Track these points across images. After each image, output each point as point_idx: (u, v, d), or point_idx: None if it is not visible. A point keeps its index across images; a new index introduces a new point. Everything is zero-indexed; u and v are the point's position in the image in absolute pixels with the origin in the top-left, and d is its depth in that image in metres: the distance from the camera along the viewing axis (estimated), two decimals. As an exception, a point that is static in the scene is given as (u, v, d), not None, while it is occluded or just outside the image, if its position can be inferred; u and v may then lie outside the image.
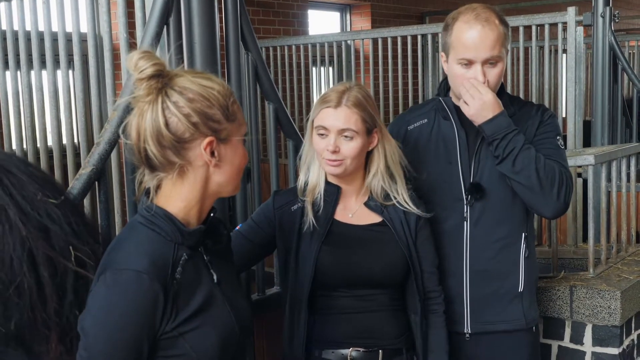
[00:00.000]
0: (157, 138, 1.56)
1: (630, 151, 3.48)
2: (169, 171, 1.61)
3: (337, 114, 2.14)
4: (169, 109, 1.55)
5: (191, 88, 1.57)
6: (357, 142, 2.15)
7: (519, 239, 2.47)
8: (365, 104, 2.17)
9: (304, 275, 2.17)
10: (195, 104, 1.56)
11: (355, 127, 2.14)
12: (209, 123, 1.58)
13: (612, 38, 4.70)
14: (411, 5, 9.38)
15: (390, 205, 2.24)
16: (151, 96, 1.55)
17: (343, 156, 2.14)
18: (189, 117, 1.56)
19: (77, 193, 2.13)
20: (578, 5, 4.80)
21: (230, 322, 1.67)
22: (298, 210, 2.22)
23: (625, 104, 5.16)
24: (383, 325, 2.21)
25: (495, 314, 2.48)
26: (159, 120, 1.55)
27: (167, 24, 2.28)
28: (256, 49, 2.60)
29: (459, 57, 2.32)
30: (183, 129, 1.56)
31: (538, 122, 2.43)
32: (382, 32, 5.79)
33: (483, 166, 2.41)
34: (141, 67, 1.54)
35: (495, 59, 2.31)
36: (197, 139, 1.58)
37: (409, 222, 2.24)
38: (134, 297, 1.50)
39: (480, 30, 2.28)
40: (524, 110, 2.46)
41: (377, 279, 2.20)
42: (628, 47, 8.58)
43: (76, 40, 2.84)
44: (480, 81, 2.29)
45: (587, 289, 3.01)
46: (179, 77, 1.59)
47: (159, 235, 1.58)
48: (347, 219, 2.24)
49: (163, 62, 1.57)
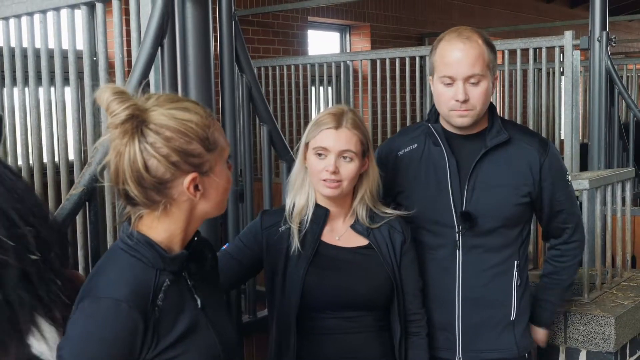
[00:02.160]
0: (137, 180, 1.53)
1: (625, 176, 3.48)
2: (152, 208, 1.58)
3: (339, 135, 2.16)
4: (147, 151, 1.51)
5: (168, 125, 1.52)
6: (355, 164, 2.17)
7: (512, 267, 2.45)
8: (362, 127, 2.22)
9: (291, 296, 2.17)
10: (174, 142, 1.52)
11: (354, 149, 2.17)
12: (190, 159, 1.55)
13: (608, 62, 4.72)
14: (411, 27, 9.45)
15: (376, 228, 2.25)
16: (127, 138, 1.51)
17: (341, 177, 2.16)
18: (169, 157, 1.52)
19: (68, 213, 2.13)
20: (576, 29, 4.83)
21: (215, 347, 1.65)
22: (286, 232, 2.23)
23: (622, 128, 5.17)
24: (368, 346, 2.22)
25: (487, 343, 2.45)
26: (138, 162, 1.51)
27: (161, 46, 2.29)
28: (250, 71, 2.60)
29: (440, 75, 2.33)
30: (163, 170, 1.53)
31: (544, 160, 2.40)
32: (380, 53, 5.82)
33: (478, 195, 2.38)
34: (114, 112, 1.49)
35: (478, 78, 2.30)
36: (179, 177, 1.55)
37: (395, 246, 2.26)
38: (113, 326, 1.48)
39: (461, 49, 2.29)
40: (525, 140, 2.43)
41: (363, 301, 2.21)
42: (626, 71, 8.60)
43: (72, 59, 2.85)
44: (461, 100, 2.29)
45: (582, 314, 2.99)
46: (153, 112, 1.53)
47: (140, 261, 1.56)
48: (334, 241, 2.25)
49: (136, 102, 1.52)
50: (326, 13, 8.43)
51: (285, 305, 2.18)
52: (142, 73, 2.21)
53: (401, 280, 2.26)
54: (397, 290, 2.24)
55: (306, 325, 2.19)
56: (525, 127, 2.66)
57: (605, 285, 3.35)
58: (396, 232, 2.28)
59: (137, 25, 2.49)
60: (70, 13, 2.85)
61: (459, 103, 2.30)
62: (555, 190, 2.43)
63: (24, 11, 3.00)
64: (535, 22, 11.55)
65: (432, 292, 2.43)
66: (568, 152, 4.59)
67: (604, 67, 4.76)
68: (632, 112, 5.14)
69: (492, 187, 2.39)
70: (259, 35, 7.50)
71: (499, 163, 2.40)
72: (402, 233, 2.29)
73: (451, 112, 2.34)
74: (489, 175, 2.39)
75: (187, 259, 1.64)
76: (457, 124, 2.37)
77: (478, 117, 2.35)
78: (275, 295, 2.22)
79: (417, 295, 2.33)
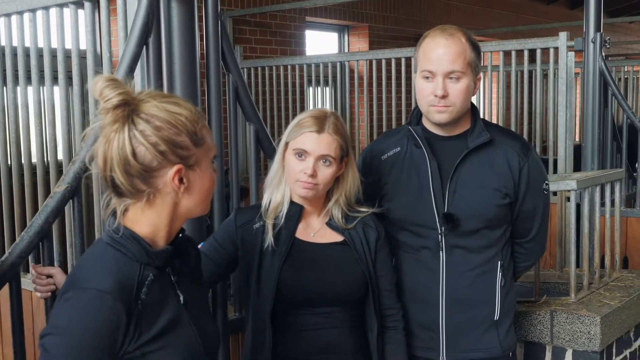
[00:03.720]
0: (124, 167, 1.55)
1: (614, 177, 3.48)
2: (137, 198, 1.60)
3: (320, 140, 2.18)
4: (136, 138, 1.54)
5: (158, 115, 1.56)
6: (332, 169, 2.20)
7: (495, 267, 2.46)
8: (343, 132, 2.25)
9: (266, 293, 2.18)
10: (163, 132, 1.55)
11: (334, 154, 2.19)
12: (177, 150, 1.57)
13: (602, 63, 4.73)
14: (409, 27, 9.46)
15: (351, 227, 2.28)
16: (117, 124, 1.54)
17: (318, 181, 2.18)
18: (157, 145, 1.55)
19: (51, 211, 2.14)
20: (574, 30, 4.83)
21: (196, 343, 1.68)
22: (260, 229, 2.24)
23: (616, 129, 5.17)
24: (342, 341, 2.24)
25: (471, 342, 2.46)
26: (126, 149, 1.54)
27: (146, 44, 2.30)
28: (237, 70, 2.62)
29: (421, 70, 2.35)
30: (151, 157, 1.55)
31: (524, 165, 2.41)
32: (376, 53, 5.83)
33: (459, 196, 2.39)
34: (107, 97, 1.53)
35: (458, 75, 2.31)
36: (165, 167, 1.57)
37: (369, 242, 2.28)
38: (96, 317, 1.50)
39: (443, 45, 2.31)
40: (506, 142, 2.43)
41: (338, 297, 2.23)
42: (624, 72, 8.60)
43: (61, 58, 2.87)
44: (439, 95, 2.30)
45: (568, 314, 3.00)
46: (146, 103, 1.57)
47: (125, 255, 1.58)
48: (309, 237, 2.27)
49: (129, 90, 1.56)
50: (324, 13, 8.44)
51: (260, 302, 2.20)
52: (126, 72, 2.22)
53: (376, 276, 2.28)
54: (372, 285, 2.26)
55: (281, 322, 2.21)
56: (508, 130, 2.66)
57: (593, 286, 3.36)
58: (370, 229, 2.31)
59: (124, 25, 2.50)
60: (60, 12, 2.87)
61: (438, 98, 2.31)
62: (526, 198, 2.44)
63: (14, 10, 3.02)
64: (535, 23, 11.55)
65: (416, 293, 2.44)
66: (562, 153, 4.61)
67: (597, 68, 4.77)
68: (626, 113, 5.14)
69: (473, 188, 2.39)
70: (256, 35, 7.51)
71: (480, 164, 2.40)
72: (376, 229, 2.32)
73: (430, 108, 2.35)
74: (471, 176, 2.40)
75: (171, 255, 1.66)
76: (435, 119, 2.38)
77: (457, 114, 2.36)
78: (250, 292, 2.24)
79: (392, 290, 2.35)
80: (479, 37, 10.42)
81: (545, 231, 2.59)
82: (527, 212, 2.47)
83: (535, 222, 2.51)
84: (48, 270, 2.08)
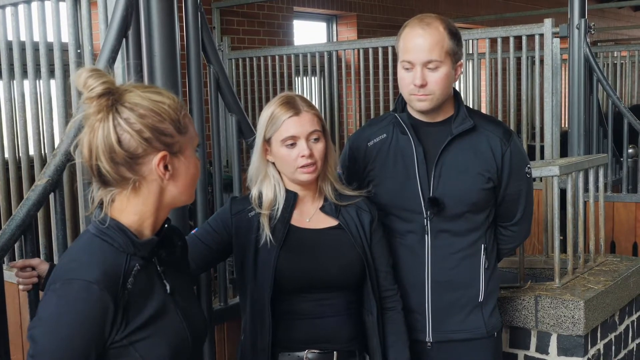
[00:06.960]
0: (109, 155, 1.57)
1: (597, 162, 3.50)
2: (122, 186, 1.62)
3: (302, 120, 2.21)
4: (121, 126, 1.57)
5: (142, 104, 1.59)
6: (322, 143, 2.25)
7: (479, 250, 2.51)
8: (313, 105, 2.30)
9: (263, 281, 2.20)
10: (147, 119, 1.58)
11: (319, 127, 2.24)
12: (161, 137, 1.60)
13: (587, 49, 4.74)
14: (398, 16, 9.43)
15: (344, 208, 2.31)
16: (102, 114, 1.56)
17: (315, 159, 2.22)
18: (141, 132, 1.58)
19: (32, 204, 2.15)
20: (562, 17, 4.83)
21: (183, 331, 1.70)
22: (255, 217, 2.26)
23: (603, 115, 5.19)
24: (339, 328, 2.26)
25: (456, 323, 2.52)
26: (111, 137, 1.56)
27: (126, 37, 2.30)
28: (217, 61, 2.62)
29: (401, 60, 2.39)
30: (135, 145, 1.58)
31: (506, 149, 2.45)
32: (364, 42, 5.82)
33: (444, 181, 2.44)
34: (90, 86, 1.55)
35: (436, 64, 2.34)
36: (150, 154, 1.60)
37: (364, 225, 2.31)
38: (84, 307, 1.52)
39: (421, 34, 2.35)
40: (489, 129, 2.48)
41: (335, 281, 2.25)
42: (612, 57, 8.62)
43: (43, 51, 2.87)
44: (418, 84, 2.33)
45: (552, 299, 3.03)
46: (129, 92, 1.60)
47: (111, 246, 1.60)
48: (304, 223, 2.29)
49: (112, 80, 1.59)
50: (312, 3, 8.42)
51: (258, 290, 2.21)
52: (106, 64, 2.22)
53: (373, 259, 2.31)
54: (369, 268, 2.28)
55: (279, 309, 2.23)
56: (491, 116, 2.70)
57: (577, 270, 3.39)
58: (364, 212, 2.34)
59: (105, 17, 2.50)
60: (41, 5, 2.87)
61: (417, 87, 2.35)
62: (509, 182, 2.49)
63: None
64: (525, 10, 11.55)
65: (402, 277, 2.49)
66: (548, 140, 4.62)
67: (582, 55, 4.78)
68: (611, 99, 5.16)
69: (458, 173, 2.44)
70: (244, 26, 7.50)
71: (464, 150, 2.45)
72: (370, 212, 2.35)
73: (411, 97, 2.40)
74: (455, 161, 2.45)
75: (157, 245, 1.68)
76: (416, 108, 2.43)
77: (438, 102, 2.40)
78: (247, 281, 2.25)
79: (389, 271, 2.39)
80: (467, 24, 10.42)
81: (530, 214, 2.63)
82: (511, 196, 2.52)
83: (519, 206, 2.56)
84: (29, 262, 2.09)
